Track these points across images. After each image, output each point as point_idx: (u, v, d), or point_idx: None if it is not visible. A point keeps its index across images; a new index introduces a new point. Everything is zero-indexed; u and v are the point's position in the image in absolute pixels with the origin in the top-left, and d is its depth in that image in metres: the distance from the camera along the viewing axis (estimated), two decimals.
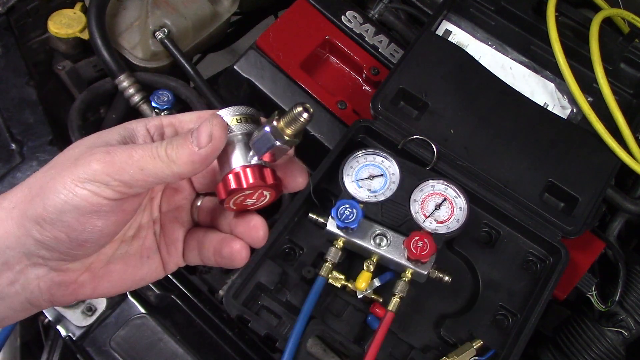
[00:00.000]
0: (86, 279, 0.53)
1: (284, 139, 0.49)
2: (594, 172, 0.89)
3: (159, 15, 1.05)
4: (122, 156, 0.47)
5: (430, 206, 0.83)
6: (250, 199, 0.51)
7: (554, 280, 0.82)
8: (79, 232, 0.48)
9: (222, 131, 0.48)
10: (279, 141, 0.49)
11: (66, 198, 0.47)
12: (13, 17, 1.03)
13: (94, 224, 0.48)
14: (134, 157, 0.48)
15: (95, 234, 0.49)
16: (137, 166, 0.47)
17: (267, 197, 0.52)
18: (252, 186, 0.50)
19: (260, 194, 0.51)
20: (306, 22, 1.05)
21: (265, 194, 0.52)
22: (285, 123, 0.48)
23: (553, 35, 0.95)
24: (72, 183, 0.47)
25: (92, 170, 0.46)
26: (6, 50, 1.01)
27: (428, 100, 0.90)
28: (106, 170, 0.47)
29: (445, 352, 0.79)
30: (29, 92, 0.99)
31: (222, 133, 0.48)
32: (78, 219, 0.47)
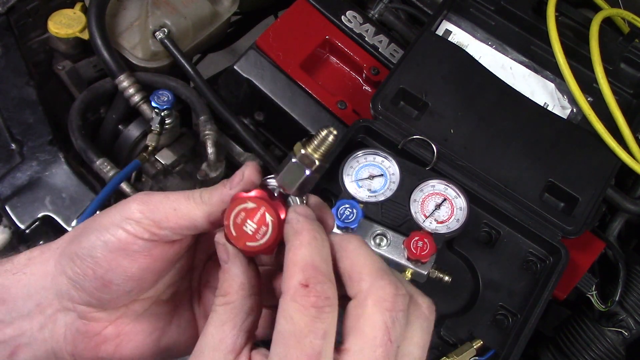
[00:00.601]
0: (111, 333, 0.52)
1: (314, 163, 0.47)
2: (594, 172, 0.89)
3: (159, 15, 1.05)
4: (159, 197, 0.49)
5: (430, 206, 0.83)
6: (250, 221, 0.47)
7: (554, 280, 0.82)
8: (105, 270, 0.48)
9: (254, 172, 0.48)
10: (308, 169, 0.47)
11: (99, 233, 0.48)
12: (13, 17, 1.03)
13: (120, 263, 0.48)
14: (169, 198, 0.48)
15: (121, 275, 0.48)
16: (170, 206, 0.48)
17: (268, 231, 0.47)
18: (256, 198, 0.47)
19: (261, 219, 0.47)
20: (306, 22, 1.05)
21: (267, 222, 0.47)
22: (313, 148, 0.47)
23: (553, 35, 0.95)
24: (110, 220, 0.48)
25: (129, 208, 0.48)
26: (6, 50, 1.01)
27: (428, 100, 0.90)
28: (140, 208, 0.48)
29: (445, 352, 0.79)
30: (29, 92, 0.98)
31: (254, 173, 0.48)
32: (106, 255, 0.48)
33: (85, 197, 0.91)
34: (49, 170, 0.93)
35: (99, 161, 0.94)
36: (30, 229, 0.89)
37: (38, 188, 0.91)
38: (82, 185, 0.92)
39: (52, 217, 0.90)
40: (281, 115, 1.00)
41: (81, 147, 0.95)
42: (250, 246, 0.47)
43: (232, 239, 0.47)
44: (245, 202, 0.47)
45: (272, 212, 0.46)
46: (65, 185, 0.92)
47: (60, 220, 0.90)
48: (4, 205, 0.89)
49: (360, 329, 0.40)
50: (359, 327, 0.40)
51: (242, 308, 0.44)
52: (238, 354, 0.43)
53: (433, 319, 0.44)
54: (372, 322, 0.40)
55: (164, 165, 1.01)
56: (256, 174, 0.48)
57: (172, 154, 1.02)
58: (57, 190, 0.91)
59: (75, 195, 0.91)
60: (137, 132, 1.05)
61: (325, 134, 0.47)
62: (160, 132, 0.99)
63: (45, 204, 0.90)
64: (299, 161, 0.46)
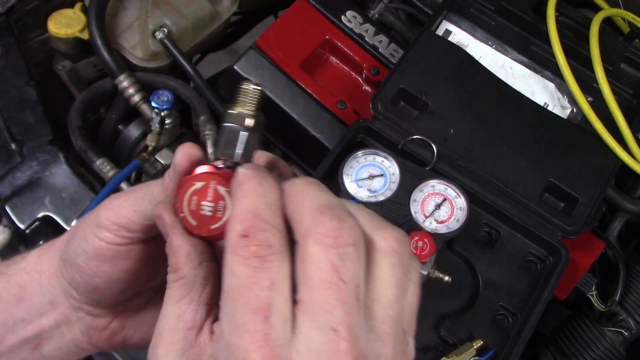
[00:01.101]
0: (116, 326, 0.53)
1: (246, 119, 0.43)
2: (594, 172, 0.89)
3: (159, 15, 1.05)
4: (121, 199, 0.47)
5: (430, 206, 0.83)
6: (205, 202, 0.42)
7: (554, 280, 0.82)
8: (90, 277, 0.48)
9: (187, 152, 0.45)
10: (243, 128, 0.43)
11: (79, 241, 0.48)
12: (13, 17, 1.03)
13: (100, 270, 0.48)
14: (130, 199, 0.47)
15: (106, 280, 0.48)
16: (131, 209, 0.46)
17: (227, 204, 0.43)
18: (201, 175, 0.43)
19: (215, 194, 0.42)
20: (306, 22, 1.05)
21: (222, 195, 0.42)
22: (240, 106, 0.43)
23: (553, 35, 0.95)
24: (87, 227, 0.48)
25: (98, 216, 0.47)
26: (6, 50, 1.01)
27: (428, 100, 0.90)
28: (107, 215, 0.47)
29: (445, 352, 0.79)
30: (29, 92, 0.98)
31: (187, 153, 0.45)
32: (87, 263, 0.48)
33: (85, 197, 0.91)
34: (49, 170, 0.93)
35: (99, 161, 0.94)
36: (30, 229, 0.89)
37: (38, 188, 0.91)
38: (82, 185, 0.92)
39: (52, 217, 0.90)
40: (281, 115, 1.00)
41: (81, 147, 0.95)
42: (215, 228, 0.42)
43: (194, 230, 0.43)
44: (192, 185, 0.43)
45: (223, 182, 0.42)
46: (65, 185, 0.92)
47: (60, 220, 0.90)
48: (4, 205, 0.89)
49: (307, 274, 0.36)
50: (305, 272, 0.36)
51: (196, 280, 0.41)
52: (199, 330, 0.40)
53: (406, 252, 0.39)
54: (317, 264, 0.35)
55: (164, 165, 1.01)
56: (190, 154, 0.45)
57: (172, 154, 1.02)
58: (57, 190, 0.91)
59: (75, 195, 0.91)
60: (137, 132, 1.05)
61: (250, 88, 0.43)
62: (160, 132, 0.99)
63: (45, 204, 0.90)
64: (231, 123, 0.43)
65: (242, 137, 0.43)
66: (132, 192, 0.48)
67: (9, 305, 0.51)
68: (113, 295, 0.50)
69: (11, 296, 0.51)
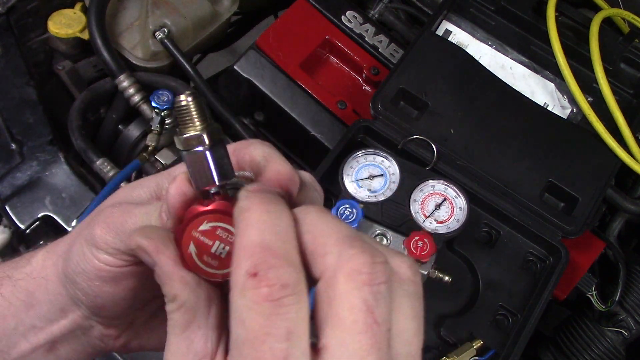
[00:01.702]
0: (131, 335, 0.51)
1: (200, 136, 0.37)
2: (594, 172, 0.89)
3: (159, 15, 1.05)
4: (119, 220, 0.43)
5: (430, 206, 0.83)
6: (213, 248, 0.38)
7: (554, 280, 0.82)
8: (93, 297, 0.45)
9: (174, 189, 0.39)
10: (201, 146, 0.37)
11: (77, 259, 0.44)
12: (13, 17, 1.03)
13: (103, 290, 0.44)
14: (131, 218, 0.42)
15: (110, 300, 0.45)
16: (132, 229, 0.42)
17: None
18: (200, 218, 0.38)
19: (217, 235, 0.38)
20: (306, 22, 1.05)
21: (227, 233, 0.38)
22: (185, 126, 0.38)
23: (553, 35, 0.95)
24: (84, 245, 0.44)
25: (93, 234, 0.43)
26: (6, 50, 1.01)
27: (428, 100, 0.90)
28: (103, 236, 0.42)
29: (445, 352, 0.79)
30: (29, 92, 0.99)
31: (174, 191, 0.39)
32: (88, 283, 0.44)
33: (85, 197, 0.91)
34: (49, 170, 0.93)
35: (99, 161, 0.94)
36: (30, 229, 0.89)
37: (38, 188, 0.91)
38: (82, 185, 0.92)
39: (52, 217, 0.90)
40: (281, 115, 1.00)
41: (81, 147, 0.95)
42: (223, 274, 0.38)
43: (212, 277, 0.38)
44: (192, 236, 0.38)
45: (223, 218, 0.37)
46: (65, 185, 0.92)
47: (60, 220, 0.90)
48: (4, 205, 0.89)
49: (335, 316, 0.31)
50: (333, 314, 0.31)
51: (198, 303, 0.36)
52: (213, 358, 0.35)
53: (419, 281, 0.35)
54: (349, 304, 0.31)
55: (163, 165, 1.01)
56: (185, 193, 0.39)
57: (172, 154, 1.02)
58: (57, 190, 0.91)
59: (75, 195, 0.91)
60: (137, 132, 1.05)
61: (183, 104, 0.38)
62: (160, 132, 0.99)
63: (45, 204, 0.90)
64: (188, 149, 0.38)
65: (209, 159, 0.37)
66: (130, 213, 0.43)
67: (19, 312, 0.49)
68: (121, 311, 0.47)
69: (20, 302, 0.49)
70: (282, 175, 0.39)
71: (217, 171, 0.37)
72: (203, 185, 0.38)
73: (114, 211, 0.43)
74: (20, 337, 0.50)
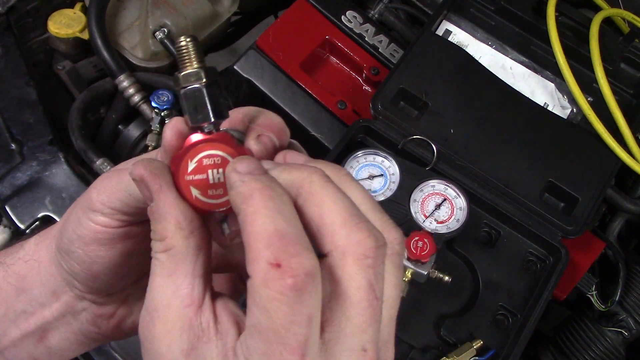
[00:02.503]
0: (125, 313, 0.51)
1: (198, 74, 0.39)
2: (594, 172, 0.89)
3: (159, 15, 1.05)
4: (114, 180, 0.43)
5: (430, 206, 0.83)
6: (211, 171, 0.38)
7: (554, 280, 0.82)
8: (89, 263, 0.45)
9: (173, 134, 0.40)
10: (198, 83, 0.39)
11: (73, 227, 0.45)
12: (13, 17, 1.03)
13: (98, 255, 0.45)
14: (123, 180, 0.42)
15: (105, 265, 0.45)
16: (125, 190, 0.42)
17: None
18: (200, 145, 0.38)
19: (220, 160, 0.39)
20: (306, 22, 1.05)
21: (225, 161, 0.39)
22: (184, 64, 0.39)
23: (553, 35, 0.95)
24: (80, 211, 0.45)
25: (89, 197, 0.44)
26: (6, 50, 1.01)
27: (428, 100, 0.90)
28: (99, 197, 0.43)
29: (445, 352, 0.79)
30: (29, 92, 0.98)
31: (172, 136, 0.40)
32: (83, 248, 0.45)
33: None
34: (49, 170, 0.93)
35: (99, 161, 0.94)
36: (30, 229, 0.89)
37: (38, 188, 0.91)
38: (82, 185, 0.92)
39: (52, 217, 0.90)
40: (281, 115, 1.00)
41: (81, 147, 0.95)
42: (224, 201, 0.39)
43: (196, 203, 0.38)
44: (193, 155, 0.38)
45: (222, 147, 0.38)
46: (65, 185, 0.92)
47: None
48: (4, 205, 0.89)
49: (343, 294, 0.34)
50: (342, 292, 0.34)
51: (188, 250, 0.37)
52: (199, 307, 0.36)
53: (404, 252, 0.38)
54: (356, 284, 0.34)
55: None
56: (181, 131, 0.40)
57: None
58: (57, 190, 0.91)
59: (75, 195, 0.91)
60: (137, 132, 1.05)
61: (182, 44, 0.39)
62: (160, 132, 0.99)
63: (45, 204, 0.90)
64: (185, 86, 0.39)
65: (205, 95, 0.38)
66: (123, 172, 0.43)
67: (9, 297, 0.49)
68: (115, 281, 0.47)
69: (11, 287, 0.49)
70: (274, 123, 0.42)
71: (212, 107, 0.38)
72: (199, 122, 0.38)
73: (108, 175, 0.44)
74: (10, 324, 0.49)
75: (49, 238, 0.49)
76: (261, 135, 0.41)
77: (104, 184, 0.44)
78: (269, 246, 0.32)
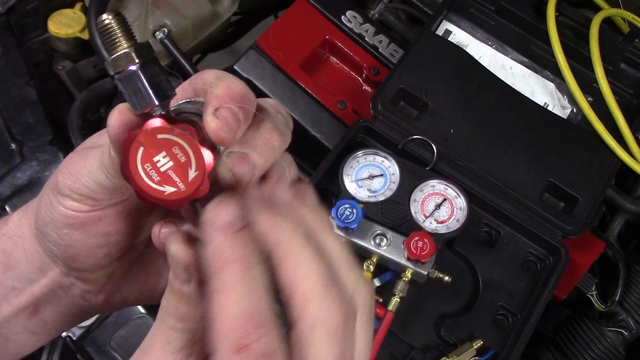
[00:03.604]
0: (112, 288, 0.50)
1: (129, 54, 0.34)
2: (594, 172, 0.89)
3: (159, 15, 1.05)
4: (79, 164, 0.41)
5: (430, 206, 0.83)
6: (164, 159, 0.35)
7: (554, 280, 0.82)
8: (64, 246, 0.44)
9: (113, 119, 0.37)
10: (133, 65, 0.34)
11: (45, 209, 0.44)
12: (13, 17, 1.03)
13: (74, 238, 0.44)
14: (87, 164, 0.41)
15: (82, 248, 0.44)
16: (89, 176, 0.41)
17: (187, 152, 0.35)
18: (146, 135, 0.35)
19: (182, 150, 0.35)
20: (306, 22, 1.05)
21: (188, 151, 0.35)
22: (112, 46, 0.35)
23: (553, 35, 0.95)
24: (51, 194, 0.43)
25: (57, 182, 0.42)
26: (6, 50, 1.01)
27: (428, 100, 0.90)
28: (66, 182, 0.42)
29: (445, 352, 0.79)
30: (29, 92, 0.99)
31: (114, 122, 0.37)
32: (57, 232, 0.44)
33: None
34: (49, 170, 0.93)
35: None
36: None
37: (38, 188, 0.91)
38: None
39: None
40: None
41: None
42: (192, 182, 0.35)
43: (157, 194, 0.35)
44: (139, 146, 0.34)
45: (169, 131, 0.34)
46: None
47: None
48: (4, 205, 0.89)
49: None
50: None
51: (201, 338, 0.36)
52: None
53: (374, 306, 0.39)
54: (326, 355, 0.34)
55: None
56: (125, 122, 0.37)
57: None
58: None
59: None
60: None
61: (106, 22, 0.35)
62: None
63: None
64: (118, 71, 0.35)
65: (141, 77, 0.34)
66: (87, 156, 0.41)
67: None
68: (96, 261, 0.46)
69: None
70: (233, 90, 0.37)
71: (153, 89, 0.34)
72: (142, 108, 0.35)
73: (73, 156, 0.43)
74: (1, 300, 0.49)
75: (30, 213, 0.48)
76: (220, 109, 0.36)
77: (69, 167, 0.42)
78: (235, 329, 0.32)
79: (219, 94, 0.36)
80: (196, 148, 0.34)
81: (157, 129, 0.35)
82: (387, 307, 0.77)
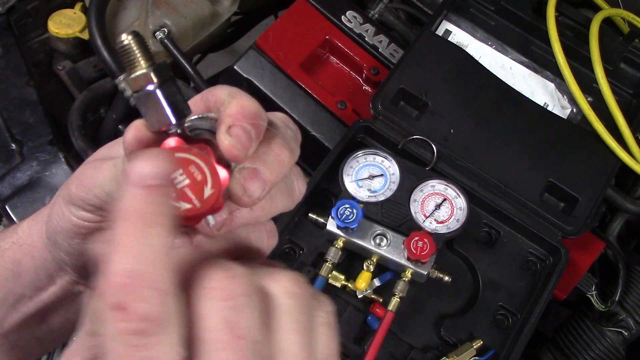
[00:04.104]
0: None
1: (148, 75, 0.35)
2: (594, 172, 0.89)
3: (159, 15, 1.05)
4: (90, 176, 0.42)
5: (430, 206, 0.83)
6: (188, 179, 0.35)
7: (554, 280, 0.82)
8: (76, 256, 0.45)
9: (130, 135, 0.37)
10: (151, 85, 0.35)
11: (57, 219, 0.44)
12: (13, 17, 1.03)
13: (85, 248, 0.44)
14: (99, 177, 0.41)
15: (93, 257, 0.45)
16: (101, 188, 0.41)
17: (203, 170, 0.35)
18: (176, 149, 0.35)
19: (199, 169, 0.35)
20: (306, 22, 1.05)
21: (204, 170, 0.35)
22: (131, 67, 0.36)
23: (553, 35, 0.95)
24: (63, 204, 0.44)
25: (69, 192, 0.43)
26: (6, 50, 1.01)
27: (428, 100, 0.90)
28: (78, 193, 0.42)
29: (445, 352, 0.79)
30: (29, 92, 0.98)
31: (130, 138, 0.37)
32: (68, 242, 0.44)
33: None
34: (49, 170, 0.93)
35: None
36: None
37: (38, 188, 0.91)
38: None
39: None
40: None
41: (81, 147, 0.95)
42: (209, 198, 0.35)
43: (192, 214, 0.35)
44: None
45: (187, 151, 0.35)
46: None
47: None
48: (4, 205, 0.89)
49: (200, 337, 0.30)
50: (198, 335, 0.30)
51: None
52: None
53: (305, 293, 0.35)
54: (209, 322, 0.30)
55: None
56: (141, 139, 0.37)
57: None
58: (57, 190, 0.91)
59: None
60: None
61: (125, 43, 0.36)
62: None
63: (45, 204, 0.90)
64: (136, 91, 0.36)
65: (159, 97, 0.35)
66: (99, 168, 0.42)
67: (7, 281, 0.49)
68: None
69: (7, 272, 0.49)
70: (246, 109, 0.37)
71: (171, 109, 0.35)
72: (159, 126, 0.36)
73: (86, 167, 0.43)
74: (10, 308, 0.49)
75: (40, 222, 0.49)
76: (232, 127, 0.37)
77: (81, 179, 0.42)
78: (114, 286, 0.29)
79: (232, 112, 0.37)
80: (212, 167, 0.35)
81: (176, 148, 0.36)
82: (387, 307, 0.77)
